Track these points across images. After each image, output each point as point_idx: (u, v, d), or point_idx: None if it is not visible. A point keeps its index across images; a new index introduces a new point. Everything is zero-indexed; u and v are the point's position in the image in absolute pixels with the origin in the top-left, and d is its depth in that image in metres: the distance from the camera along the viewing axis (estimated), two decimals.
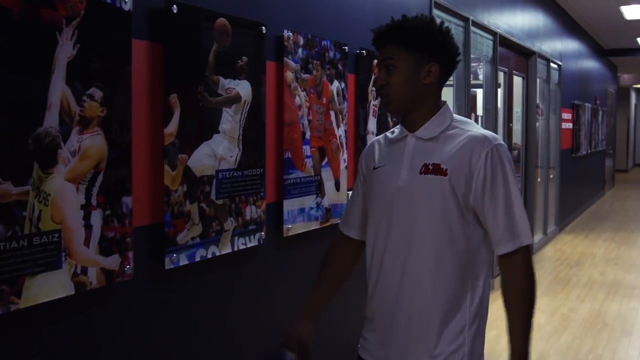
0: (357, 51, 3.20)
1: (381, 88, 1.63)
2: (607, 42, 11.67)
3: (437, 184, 1.57)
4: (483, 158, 1.57)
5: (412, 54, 1.59)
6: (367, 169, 1.76)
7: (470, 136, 1.60)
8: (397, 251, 1.62)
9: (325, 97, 2.90)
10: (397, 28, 1.61)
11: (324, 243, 3.04)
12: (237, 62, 2.29)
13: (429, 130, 1.63)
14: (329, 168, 2.95)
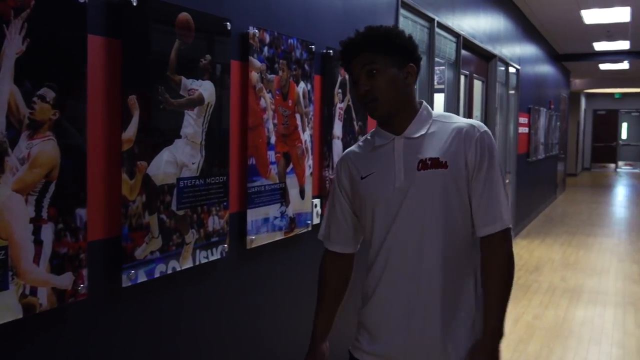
0: (324, 51, 3.07)
1: (366, 94, 1.64)
2: (562, 47, 11.86)
3: (439, 177, 1.62)
4: (474, 145, 1.64)
5: (390, 57, 1.64)
6: (351, 181, 1.75)
7: (458, 127, 1.67)
8: (406, 249, 1.65)
9: (291, 100, 2.76)
10: (371, 35, 1.66)
11: (288, 254, 2.92)
12: (200, 61, 2.13)
13: (416, 129, 1.68)
14: (294, 175, 2.81)
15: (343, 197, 1.78)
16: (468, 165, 1.64)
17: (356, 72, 1.66)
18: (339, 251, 1.83)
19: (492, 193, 1.64)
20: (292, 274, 2.91)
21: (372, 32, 1.67)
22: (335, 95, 3.17)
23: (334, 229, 1.82)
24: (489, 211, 1.64)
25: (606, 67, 14.68)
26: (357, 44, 1.65)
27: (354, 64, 1.66)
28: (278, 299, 2.77)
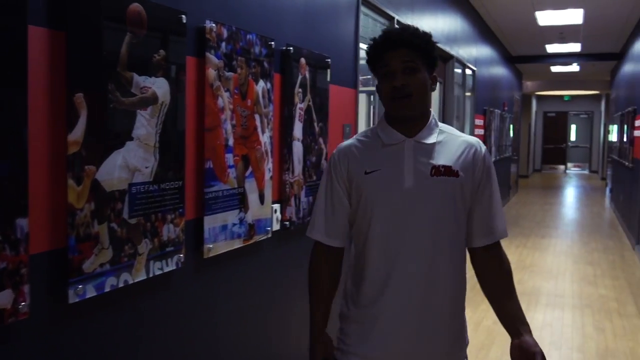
0: (284, 47, 2.94)
1: (402, 88, 1.65)
2: (516, 49, 12.02)
3: (451, 185, 1.68)
4: (480, 160, 1.73)
5: (427, 62, 1.70)
6: (351, 174, 1.73)
7: (466, 141, 1.76)
8: (419, 253, 1.67)
9: (250, 99, 2.62)
10: (417, 35, 1.68)
11: (248, 263, 2.78)
12: (153, 57, 1.98)
13: (428, 135, 1.72)
14: (253, 179, 2.68)
15: (342, 191, 1.76)
16: (474, 179, 1.73)
17: (394, 64, 1.66)
18: (332, 245, 1.79)
19: (494, 206, 1.75)
20: (252, 283, 2.77)
21: (418, 32, 1.70)
22: (295, 95, 3.05)
23: (331, 221, 1.77)
24: (492, 223, 1.74)
25: (557, 70, 14.97)
26: (402, 38, 1.66)
27: (391, 56, 1.66)
28: (237, 309, 2.63)
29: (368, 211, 1.70)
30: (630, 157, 9.06)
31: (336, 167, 1.77)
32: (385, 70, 1.68)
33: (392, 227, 1.68)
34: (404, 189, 1.67)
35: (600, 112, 22.08)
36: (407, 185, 1.67)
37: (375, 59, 1.71)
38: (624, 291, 6.14)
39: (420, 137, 1.72)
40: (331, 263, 1.81)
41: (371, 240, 1.71)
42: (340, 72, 3.66)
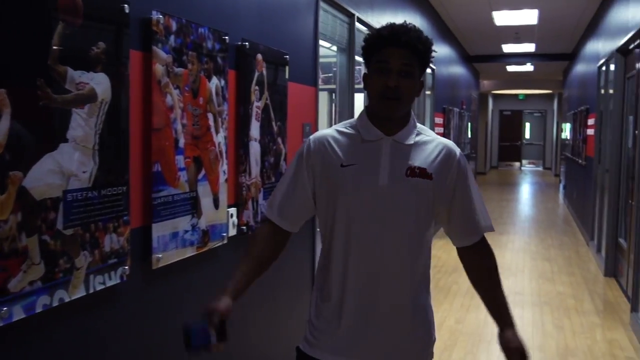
0: (239, 43, 2.76)
1: (394, 90, 1.64)
2: (473, 48, 12.06)
3: (424, 187, 1.69)
4: (455, 163, 1.74)
5: (420, 68, 1.69)
6: (325, 164, 1.72)
7: (442, 143, 1.76)
8: (384, 251, 1.67)
9: (202, 97, 2.44)
10: (418, 37, 1.66)
11: (202, 272, 2.59)
12: (91, 50, 1.78)
13: (406, 136, 1.72)
14: (207, 182, 2.50)
15: (308, 177, 1.74)
16: (448, 183, 1.73)
17: (393, 63, 1.64)
18: (281, 225, 1.78)
19: (473, 206, 1.76)
20: (208, 292, 2.58)
21: (422, 37, 1.68)
22: (252, 92, 2.88)
23: (288, 205, 1.76)
24: (474, 222, 1.76)
25: (512, 69, 15.13)
26: (408, 38, 1.64)
27: (391, 53, 1.64)
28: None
29: (338, 205, 1.70)
30: (584, 155, 9.16)
31: (309, 155, 1.74)
32: (382, 65, 1.65)
33: (360, 223, 1.68)
34: (378, 186, 1.67)
35: (553, 110, 22.49)
36: (381, 183, 1.67)
37: (374, 50, 1.67)
38: (581, 288, 6.16)
39: (399, 137, 1.72)
40: (274, 242, 1.80)
41: (338, 236, 1.71)
42: (299, 69, 3.51)
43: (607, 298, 5.81)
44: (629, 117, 6.19)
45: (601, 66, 7.56)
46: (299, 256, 3.71)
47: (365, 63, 1.73)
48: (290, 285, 3.53)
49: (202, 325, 1.58)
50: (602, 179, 7.36)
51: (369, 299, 1.69)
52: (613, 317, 5.18)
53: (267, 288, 3.21)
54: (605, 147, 7.17)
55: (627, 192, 6.14)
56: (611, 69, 6.98)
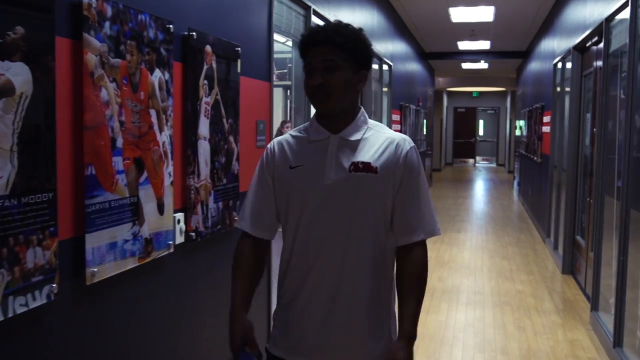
0: (185, 32, 2.53)
1: (320, 87, 1.64)
2: (429, 45, 12.01)
3: (369, 181, 1.68)
4: (403, 157, 1.71)
5: (350, 59, 1.66)
6: (278, 168, 1.74)
7: (391, 138, 1.73)
8: (335, 249, 1.68)
9: (144, 91, 2.20)
10: (339, 32, 1.66)
11: (145, 284, 2.34)
12: (6, 36, 1.53)
13: (353, 132, 1.72)
14: (150, 185, 2.26)
15: (270, 184, 1.76)
16: (395, 176, 1.70)
17: (314, 62, 1.65)
18: (260, 236, 1.79)
19: (415, 205, 1.72)
20: (153, 306, 2.35)
21: (341, 29, 1.67)
22: (200, 87, 2.65)
23: (262, 213, 1.78)
24: (411, 222, 1.71)
25: (467, 67, 15.18)
26: (325, 35, 1.65)
27: (313, 53, 1.66)
28: (132, 341, 2.21)
29: (290, 205, 1.72)
30: (539, 152, 9.18)
31: (267, 160, 1.78)
32: (308, 67, 1.68)
33: (309, 222, 1.70)
34: (324, 185, 1.68)
35: (506, 108, 22.76)
36: (327, 181, 1.68)
37: (302, 55, 1.70)
38: (540, 286, 6.11)
39: (345, 133, 1.72)
40: (256, 253, 1.80)
41: (291, 235, 1.73)
42: (252, 63, 3.29)
43: (566, 296, 5.77)
44: (586, 114, 6.17)
45: (557, 63, 7.55)
46: None
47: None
48: None
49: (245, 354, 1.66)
50: (559, 176, 7.35)
51: (323, 297, 1.69)
52: (573, 316, 5.12)
53: (219, 292, 2.99)
54: (561, 144, 7.16)
55: (585, 190, 6.12)
56: (567, 67, 6.97)
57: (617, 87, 4.75)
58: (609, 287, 4.76)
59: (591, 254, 5.53)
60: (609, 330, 4.39)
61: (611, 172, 4.77)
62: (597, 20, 4.99)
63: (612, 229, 4.75)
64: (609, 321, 4.56)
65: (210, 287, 2.88)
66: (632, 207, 3.97)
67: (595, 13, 5.09)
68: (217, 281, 2.97)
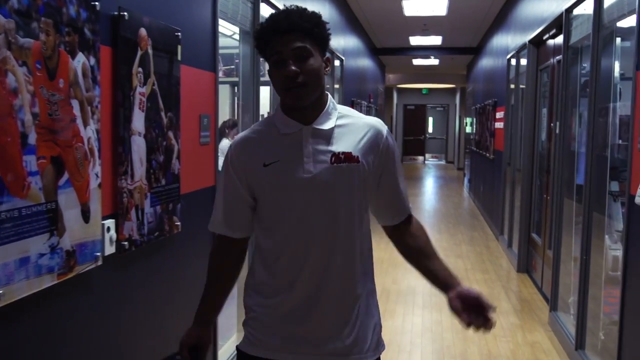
0: (115, 13, 2.21)
1: (295, 77, 1.58)
2: (381, 40, 11.83)
3: (352, 172, 1.65)
4: (384, 142, 1.71)
5: (318, 45, 1.63)
6: (248, 167, 1.69)
7: (367, 123, 1.71)
8: (321, 242, 1.65)
9: (63, 79, 1.88)
10: (301, 16, 1.60)
11: (67, 305, 1.92)
12: None
13: (325, 121, 1.67)
14: (72, 189, 1.93)
15: (240, 184, 1.70)
16: (376, 163, 1.69)
17: (284, 51, 1.58)
18: (234, 236, 1.76)
19: (401, 187, 1.77)
20: (76, 330, 2.03)
21: (306, 14, 1.61)
22: (134, 75, 2.33)
23: (231, 216, 1.74)
24: (404, 198, 1.78)
25: (418, 63, 15.11)
26: (290, 22, 1.58)
27: (279, 42, 1.58)
28: None
29: (268, 204, 1.68)
30: (492, 148, 9.11)
31: (233, 161, 1.71)
32: (276, 58, 1.60)
33: (291, 218, 1.66)
34: (305, 179, 1.63)
35: (455, 105, 22.91)
36: (307, 175, 1.63)
37: (264, 45, 1.62)
38: (496, 285, 5.99)
39: (318, 123, 1.66)
40: (232, 254, 1.79)
41: (271, 234, 1.69)
42: (194, 50, 2.97)
43: (523, 296, 5.65)
44: (542, 109, 6.06)
45: (511, 59, 7.45)
46: (198, 265, 3.18)
47: (265, 59, 1.65)
48: (188, 293, 3.00)
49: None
50: (512, 172, 7.26)
51: (313, 295, 1.66)
52: (532, 317, 4.99)
53: (158, 308, 2.68)
54: (516, 140, 7.06)
55: (541, 187, 6.01)
56: (522, 62, 6.87)
57: (576, 80, 4.62)
58: (566, 286, 4.64)
59: (548, 252, 5.42)
60: (569, 332, 4.26)
61: (570, 168, 4.64)
62: (555, 12, 4.86)
63: (570, 226, 4.63)
64: (568, 321, 4.43)
65: (148, 303, 2.56)
66: (595, 209, 3.82)
67: (554, 5, 4.96)
68: (157, 295, 2.65)
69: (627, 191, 3.04)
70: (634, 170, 2.99)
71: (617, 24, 3.59)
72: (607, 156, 3.78)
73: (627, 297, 3.05)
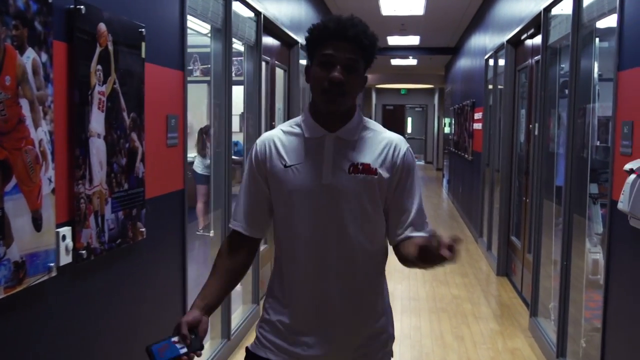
0: (71, 6, 2.06)
1: (339, 84, 1.60)
2: None
3: (369, 183, 1.68)
4: (401, 158, 1.72)
5: (365, 63, 1.66)
6: (272, 166, 1.71)
7: (388, 138, 1.74)
8: (336, 250, 1.67)
9: (10, 76, 1.73)
10: (365, 32, 1.63)
11: (18, 322, 1.77)
12: None
13: (350, 131, 1.70)
14: (21, 195, 1.79)
15: (262, 181, 1.73)
16: (393, 177, 1.70)
17: (339, 56, 1.60)
18: (252, 235, 1.77)
19: (414, 205, 1.72)
20: (29, 344, 1.88)
21: (368, 32, 1.65)
22: (92, 73, 2.19)
23: (254, 212, 1.76)
24: (422, 215, 1.73)
25: (396, 63, 15.04)
26: (355, 32, 1.61)
27: (337, 47, 1.61)
28: None
29: (286, 206, 1.70)
30: (471, 149, 9.06)
31: (256, 159, 1.74)
32: (327, 58, 1.61)
33: (309, 223, 1.68)
34: (321, 184, 1.67)
35: (434, 105, 22.92)
36: (324, 182, 1.67)
37: (319, 42, 1.63)
38: (475, 290, 5.92)
39: (343, 133, 1.69)
40: (241, 253, 1.77)
41: (289, 236, 1.71)
42: (161, 48, 2.84)
43: (503, 300, 5.58)
44: (521, 110, 5.99)
45: (489, 59, 7.39)
46: (164, 272, 3.04)
47: (309, 56, 1.68)
48: (154, 302, 2.86)
49: (165, 341, 1.54)
50: (491, 174, 7.19)
51: (323, 298, 1.69)
52: (512, 323, 4.91)
53: (122, 319, 2.54)
54: (494, 141, 7.00)
55: (520, 188, 5.95)
56: (500, 63, 6.81)
57: (555, 81, 4.55)
58: (546, 290, 4.56)
59: (528, 255, 5.35)
60: (550, 338, 4.18)
61: (549, 170, 4.57)
62: (534, 11, 4.79)
63: (550, 229, 4.56)
64: (549, 327, 4.36)
65: (111, 314, 2.42)
66: (575, 212, 3.74)
67: (532, 4, 4.89)
68: (120, 306, 2.51)
69: (609, 195, 2.96)
70: (615, 174, 2.90)
71: (597, 24, 3.52)
72: (587, 158, 3.71)
73: (609, 306, 2.97)
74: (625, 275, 2.81)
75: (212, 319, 4.07)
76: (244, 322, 4.49)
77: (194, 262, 6.78)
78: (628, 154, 2.73)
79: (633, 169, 2.54)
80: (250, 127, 4.80)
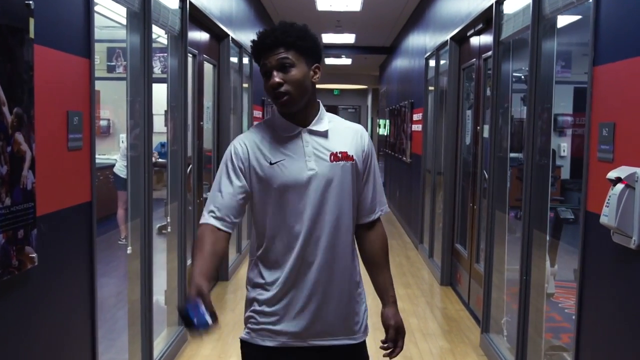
0: None
1: (278, 86, 1.78)
2: None
3: (349, 169, 1.89)
4: (367, 144, 1.97)
5: (303, 56, 1.81)
6: (254, 165, 1.84)
7: (353, 127, 1.97)
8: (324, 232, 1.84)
9: None
10: (288, 32, 1.79)
11: None
12: None
13: (320, 125, 1.89)
14: None
15: (241, 177, 1.84)
16: (363, 162, 1.93)
17: (270, 64, 1.78)
18: (227, 230, 1.83)
19: (378, 186, 1.99)
20: None
21: (287, 28, 1.79)
22: None
23: (229, 209, 1.84)
24: (377, 200, 1.98)
25: (331, 62, 14.69)
26: (272, 38, 1.77)
27: (266, 56, 1.78)
28: None
29: (275, 200, 1.82)
30: (409, 152, 8.77)
31: (237, 155, 1.85)
32: (264, 69, 1.80)
33: (301, 212, 1.82)
34: (308, 175, 1.82)
35: (367, 106, 22.75)
36: (310, 173, 1.82)
37: (257, 58, 1.82)
38: (420, 302, 5.56)
39: (314, 125, 1.87)
40: (218, 243, 1.82)
41: (279, 227, 1.83)
42: (58, 28, 2.31)
43: (450, 313, 5.24)
44: (466, 111, 5.69)
45: (429, 58, 7.09)
46: (62, 304, 2.49)
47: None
48: (49, 338, 2.32)
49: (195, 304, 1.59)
50: (433, 177, 6.89)
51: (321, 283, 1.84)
52: (461, 339, 4.57)
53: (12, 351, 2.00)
54: (435, 144, 6.69)
55: (464, 193, 5.64)
56: (442, 62, 6.51)
57: (507, 78, 4.24)
58: (495, 301, 4.25)
59: (476, 265, 5.04)
60: (505, 356, 3.86)
61: (501, 175, 4.26)
62: (483, 5, 4.46)
63: (501, 238, 4.24)
64: (501, 344, 4.04)
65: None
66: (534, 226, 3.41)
67: (474, 2, 4.56)
68: (7, 350, 1.96)
69: (583, 205, 2.62)
70: (590, 183, 2.57)
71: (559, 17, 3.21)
72: (549, 164, 3.39)
73: (582, 329, 2.63)
74: (602, 298, 2.47)
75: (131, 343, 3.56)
76: (169, 347, 3.95)
77: (114, 277, 6.16)
78: (608, 160, 2.39)
79: (621, 177, 2.19)
80: (177, 128, 4.27)
